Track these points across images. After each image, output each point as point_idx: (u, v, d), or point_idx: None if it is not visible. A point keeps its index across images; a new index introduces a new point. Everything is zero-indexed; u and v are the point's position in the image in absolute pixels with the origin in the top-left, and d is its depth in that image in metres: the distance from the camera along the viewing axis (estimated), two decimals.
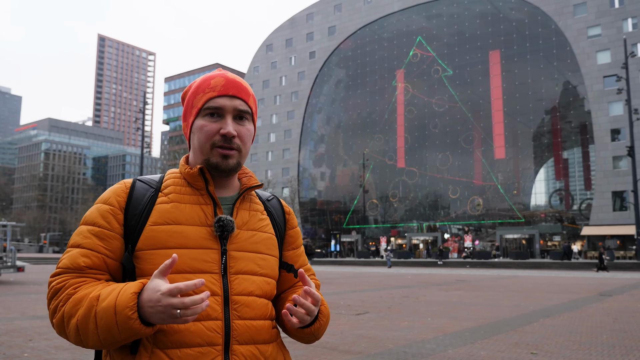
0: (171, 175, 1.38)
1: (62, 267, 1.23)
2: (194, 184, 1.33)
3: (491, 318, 10.03)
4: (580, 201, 52.82)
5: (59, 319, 1.17)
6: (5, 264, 18.02)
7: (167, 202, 1.30)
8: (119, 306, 1.08)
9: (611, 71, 47.33)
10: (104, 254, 1.24)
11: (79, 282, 1.20)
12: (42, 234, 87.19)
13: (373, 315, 10.39)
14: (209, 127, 1.31)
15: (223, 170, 1.31)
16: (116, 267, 1.26)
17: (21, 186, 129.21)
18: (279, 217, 1.48)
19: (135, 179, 1.36)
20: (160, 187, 1.34)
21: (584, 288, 17.67)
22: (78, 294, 1.16)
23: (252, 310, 1.28)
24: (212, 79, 1.34)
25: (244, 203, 1.39)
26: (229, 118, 1.32)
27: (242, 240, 1.32)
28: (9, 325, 8.66)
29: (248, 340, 1.26)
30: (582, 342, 7.47)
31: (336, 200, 67.21)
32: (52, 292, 1.21)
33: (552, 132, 53.23)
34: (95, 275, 1.23)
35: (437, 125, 60.01)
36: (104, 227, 1.26)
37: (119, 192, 1.31)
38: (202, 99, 1.33)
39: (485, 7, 57.50)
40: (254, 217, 1.38)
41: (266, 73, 73.76)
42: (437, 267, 40.08)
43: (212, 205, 1.32)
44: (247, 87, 1.37)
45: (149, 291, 1.09)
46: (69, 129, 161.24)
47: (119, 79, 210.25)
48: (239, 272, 1.29)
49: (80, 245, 1.24)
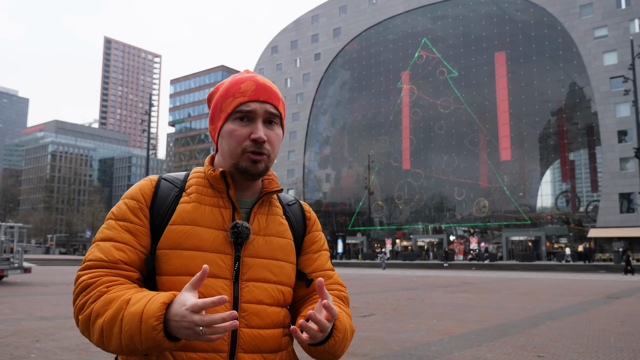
0: (195, 174, 1.37)
1: (94, 259, 1.19)
2: (216, 186, 1.32)
3: (497, 320, 9.98)
4: (587, 203, 52.52)
5: (86, 316, 1.13)
6: (12, 265, 18.10)
7: (188, 202, 1.29)
8: (147, 314, 1.05)
9: (618, 72, 47.08)
10: (138, 249, 1.23)
11: (112, 281, 1.16)
12: (49, 236, 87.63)
13: (379, 317, 10.36)
14: (240, 132, 1.29)
15: (252, 174, 1.30)
16: (144, 264, 1.26)
17: (28, 188, 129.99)
18: (298, 222, 1.45)
19: (160, 177, 1.36)
20: (184, 187, 1.34)
21: (591, 290, 17.56)
22: (110, 294, 1.12)
23: (260, 319, 1.26)
24: (242, 83, 1.32)
25: (263, 207, 1.37)
26: (259, 122, 1.30)
27: (257, 246, 1.30)
28: (16, 326, 8.69)
29: (254, 348, 1.24)
30: (590, 345, 7.42)
31: (341, 202, 67.19)
32: (81, 286, 1.16)
33: (559, 133, 53.00)
34: (129, 271, 1.21)
35: (443, 127, 59.89)
36: (136, 222, 1.25)
37: (145, 190, 1.31)
38: (232, 104, 1.31)
39: (491, 9, 57.36)
40: (273, 221, 1.36)
41: (271, 75, 73.88)
42: (442, 269, 39.96)
43: (231, 209, 1.31)
44: (277, 91, 1.36)
45: (177, 304, 1.05)
46: (76, 131, 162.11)
47: (125, 81, 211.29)
48: (250, 279, 1.27)
49: (113, 238, 1.22)
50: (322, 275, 1.41)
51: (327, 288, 1.39)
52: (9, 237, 18.72)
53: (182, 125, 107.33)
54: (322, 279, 1.20)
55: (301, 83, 70.61)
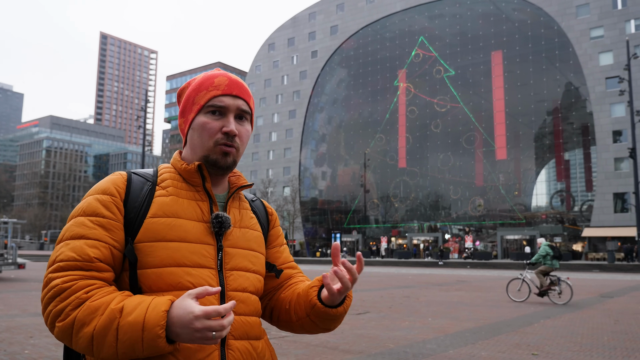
0: (165, 170, 1.37)
1: (66, 259, 1.14)
2: (190, 180, 1.33)
3: (492, 319, 10.02)
4: (582, 202, 52.77)
5: (67, 324, 1.09)
6: (6, 261, 18.03)
7: (166, 195, 1.29)
8: (149, 323, 1.06)
9: (613, 72, 47.27)
10: (112, 245, 1.20)
11: (89, 285, 1.13)
12: (43, 232, 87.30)
13: (374, 315, 10.38)
14: (212, 125, 1.31)
15: (221, 167, 1.32)
16: (120, 259, 1.23)
17: (22, 183, 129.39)
18: (263, 217, 1.51)
19: (129, 172, 1.34)
20: (157, 181, 1.33)
21: (585, 290, 17.65)
22: (94, 302, 1.10)
23: (246, 306, 1.30)
24: (215, 78, 1.35)
25: (235, 202, 1.41)
26: (231, 117, 1.33)
27: (235, 237, 1.34)
28: (10, 322, 8.67)
29: (242, 335, 1.27)
30: (583, 344, 7.46)
31: (337, 199, 67.20)
32: (55, 291, 1.11)
33: (554, 133, 53.18)
34: (104, 271, 1.18)
35: (439, 126, 59.97)
36: (108, 217, 1.22)
37: (117, 183, 1.29)
38: (205, 97, 1.32)
39: (488, 8, 57.43)
40: (245, 215, 1.41)
41: (268, 72, 73.76)
42: (437, 267, 40.08)
43: (207, 201, 1.32)
44: (247, 88, 1.40)
45: (179, 311, 1.07)
46: (71, 127, 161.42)
47: (121, 77, 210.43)
48: (233, 268, 1.30)
49: (85, 235, 1.18)
50: (289, 266, 1.51)
51: (296, 278, 1.49)
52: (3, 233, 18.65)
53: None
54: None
55: (298, 80, 70.52)
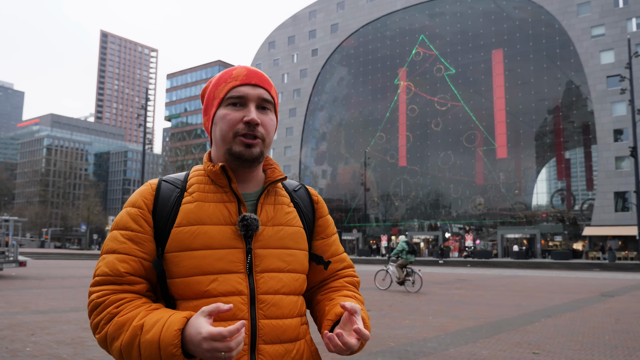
0: (195, 173, 1.36)
1: (101, 274, 1.22)
2: (217, 182, 1.31)
3: (493, 317, 10.02)
4: (582, 201, 52.73)
5: (102, 337, 1.18)
6: (8, 258, 18.05)
7: (191, 202, 1.28)
8: (164, 342, 1.09)
9: (615, 71, 47.19)
10: (141, 257, 1.24)
11: (120, 299, 1.19)
12: (44, 229, 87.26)
13: (374, 314, 10.39)
14: (232, 116, 1.28)
15: (247, 159, 1.28)
16: (152, 269, 1.25)
17: (23, 181, 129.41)
18: (307, 207, 1.45)
19: (160, 180, 1.34)
20: (186, 187, 1.32)
21: (586, 288, 17.65)
22: (121, 318, 1.16)
23: (278, 309, 1.26)
24: (234, 70, 1.33)
25: (269, 197, 1.36)
26: (252, 106, 1.29)
27: (267, 237, 1.30)
28: (11, 320, 8.67)
29: (274, 339, 1.24)
30: (584, 343, 7.46)
31: (337, 198, 67.20)
32: (92, 305, 1.20)
33: (555, 131, 53.13)
34: (135, 284, 1.23)
35: (439, 124, 59.93)
36: (137, 230, 1.25)
37: (145, 194, 1.29)
38: (224, 89, 1.31)
39: (489, 6, 57.34)
40: (280, 211, 1.36)
41: (268, 70, 73.67)
42: (438, 265, 40.09)
43: (236, 202, 1.30)
44: (268, 78, 1.36)
45: (191, 330, 1.08)
46: (71, 125, 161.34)
47: (121, 75, 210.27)
48: (264, 270, 1.27)
49: (116, 250, 1.23)
50: (338, 259, 1.46)
51: (342, 274, 1.45)
52: (4, 231, 18.68)
53: (178, 120, 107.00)
54: (353, 304, 1.21)
55: (298, 79, 70.47)
